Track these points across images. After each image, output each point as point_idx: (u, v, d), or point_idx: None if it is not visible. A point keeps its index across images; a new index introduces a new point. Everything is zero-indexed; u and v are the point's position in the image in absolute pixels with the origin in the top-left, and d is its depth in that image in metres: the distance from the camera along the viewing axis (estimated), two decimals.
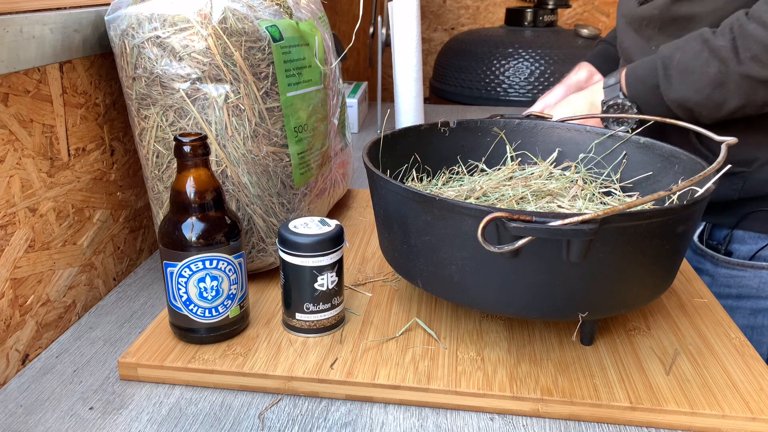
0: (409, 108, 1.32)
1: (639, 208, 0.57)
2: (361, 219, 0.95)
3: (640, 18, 0.87)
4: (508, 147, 0.82)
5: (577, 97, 0.91)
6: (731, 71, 0.71)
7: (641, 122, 0.80)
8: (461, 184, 0.78)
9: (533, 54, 1.78)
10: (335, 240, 0.61)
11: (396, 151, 0.75)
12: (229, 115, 0.66)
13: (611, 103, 0.83)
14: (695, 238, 0.90)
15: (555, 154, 0.81)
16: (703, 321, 0.67)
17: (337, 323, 0.64)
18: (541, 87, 1.76)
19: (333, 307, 0.63)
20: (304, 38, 0.75)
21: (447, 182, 0.80)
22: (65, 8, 0.70)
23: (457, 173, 0.81)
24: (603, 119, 0.84)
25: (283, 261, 0.62)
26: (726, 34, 0.72)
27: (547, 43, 1.79)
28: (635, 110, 0.81)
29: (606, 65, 1.08)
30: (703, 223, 0.89)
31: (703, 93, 0.74)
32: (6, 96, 0.59)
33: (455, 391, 0.56)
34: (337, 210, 0.97)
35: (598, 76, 1.08)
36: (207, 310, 0.60)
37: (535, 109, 1.04)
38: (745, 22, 0.70)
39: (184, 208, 0.58)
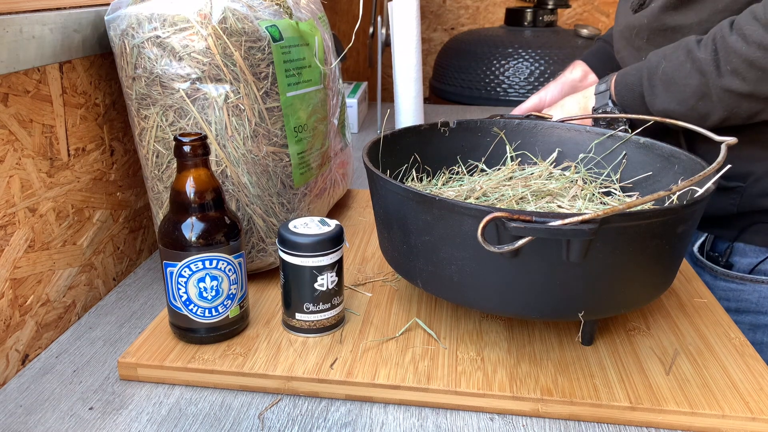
0: (408, 108, 1.32)
1: (639, 208, 0.57)
2: (360, 219, 0.95)
3: (631, 27, 0.86)
4: (507, 147, 0.82)
5: (570, 101, 0.91)
6: (712, 84, 0.70)
7: (633, 125, 0.80)
8: (461, 184, 0.78)
9: (533, 54, 1.78)
10: (335, 240, 0.61)
11: (396, 151, 0.75)
12: (228, 115, 0.66)
13: (601, 111, 0.82)
14: (695, 249, 0.89)
15: (555, 154, 0.81)
16: (702, 321, 0.67)
17: (337, 323, 0.64)
18: (540, 87, 1.76)
19: (333, 307, 0.63)
20: (304, 38, 0.75)
21: (447, 182, 0.80)
22: (65, 8, 0.70)
23: (457, 173, 0.81)
24: (595, 121, 0.84)
25: (282, 261, 0.62)
26: (708, 45, 0.71)
27: (547, 43, 1.79)
28: (625, 118, 0.81)
29: (602, 64, 1.07)
30: (705, 235, 0.87)
31: (687, 104, 0.73)
32: (6, 96, 0.59)
33: (455, 391, 0.56)
34: (336, 210, 0.97)
35: (592, 75, 1.07)
36: (207, 310, 0.60)
37: (530, 104, 1.03)
38: (728, 34, 0.69)
39: (183, 208, 0.58)
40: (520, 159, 0.82)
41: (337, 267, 0.62)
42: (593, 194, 0.74)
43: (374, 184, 0.63)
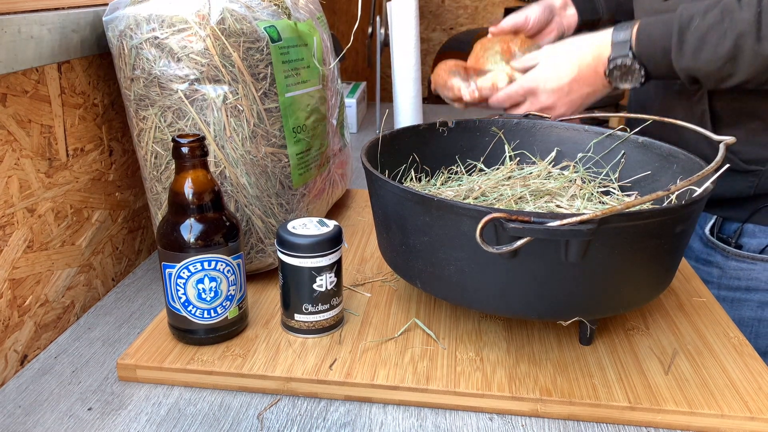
0: (407, 108, 1.32)
1: (637, 207, 0.57)
2: (359, 219, 0.95)
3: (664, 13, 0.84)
4: (506, 147, 0.82)
5: (582, 44, 0.84)
6: (747, 47, 0.69)
7: (648, 77, 0.78)
8: (460, 184, 0.78)
9: None
10: (334, 240, 0.61)
11: (395, 151, 0.75)
12: (227, 115, 0.66)
13: (619, 62, 0.78)
14: (706, 230, 0.91)
15: (553, 154, 0.81)
16: (701, 320, 0.67)
17: (336, 324, 0.64)
18: None
19: (332, 307, 0.63)
20: (303, 39, 0.75)
21: (445, 182, 0.80)
22: (63, 8, 0.70)
23: (456, 173, 0.81)
24: (607, 75, 0.80)
25: (281, 262, 0.62)
26: (753, 6, 0.68)
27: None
28: (642, 72, 0.77)
29: None
30: (714, 216, 0.89)
31: (714, 66, 0.72)
32: (4, 96, 0.59)
33: (454, 392, 0.56)
34: (335, 210, 0.97)
35: (571, 8, 1.03)
36: (206, 311, 0.60)
37: (510, 21, 0.97)
38: None
39: (182, 209, 0.58)
40: (518, 158, 0.82)
41: (336, 267, 0.62)
42: (592, 194, 0.74)
43: (373, 184, 0.63)
